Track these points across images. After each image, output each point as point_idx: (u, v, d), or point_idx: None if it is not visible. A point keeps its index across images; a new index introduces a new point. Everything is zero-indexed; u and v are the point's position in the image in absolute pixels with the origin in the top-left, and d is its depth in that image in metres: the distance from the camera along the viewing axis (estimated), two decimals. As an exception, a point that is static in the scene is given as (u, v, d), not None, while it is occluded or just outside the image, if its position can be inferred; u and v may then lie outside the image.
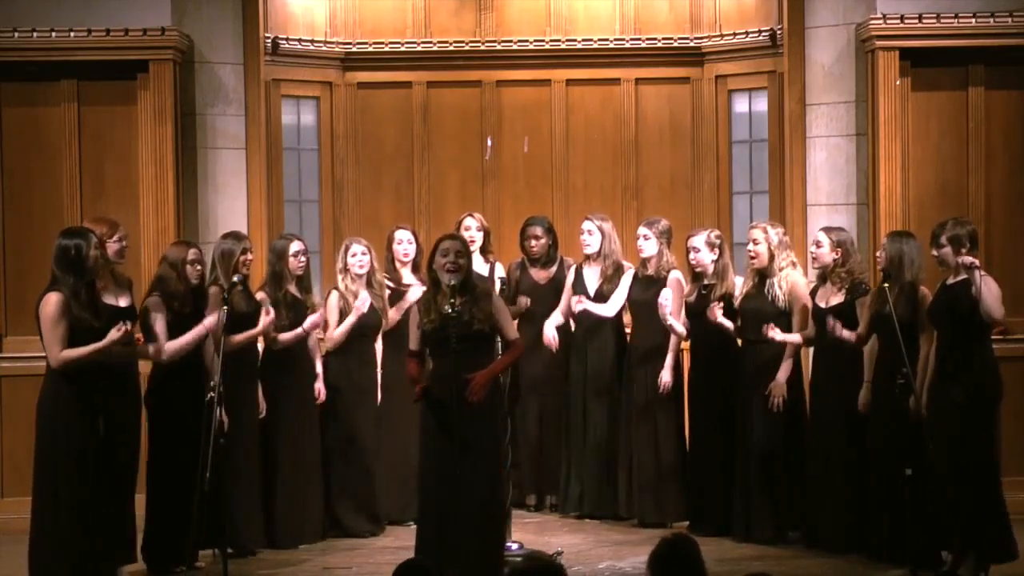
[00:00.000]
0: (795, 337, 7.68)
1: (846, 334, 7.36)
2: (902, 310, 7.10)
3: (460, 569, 6.54)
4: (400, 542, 7.91)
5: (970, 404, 6.85)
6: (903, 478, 6.81)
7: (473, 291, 6.76)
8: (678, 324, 8.05)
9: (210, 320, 7.22)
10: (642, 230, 8.32)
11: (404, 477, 8.27)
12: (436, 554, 6.55)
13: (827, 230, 7.73)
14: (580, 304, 8.28)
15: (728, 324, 7.86)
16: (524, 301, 8.58)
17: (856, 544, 7.47)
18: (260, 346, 7.89)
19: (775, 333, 7.59)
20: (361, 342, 8.17)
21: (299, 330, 7.84)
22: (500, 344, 6.92)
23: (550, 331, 8.42)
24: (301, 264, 7.96)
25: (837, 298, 7.57)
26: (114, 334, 6.49)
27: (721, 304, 7.86)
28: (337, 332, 8.09)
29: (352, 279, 8.15)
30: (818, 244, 7.66)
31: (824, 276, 7.65)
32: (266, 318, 7.62)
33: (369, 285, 8.19)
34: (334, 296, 8.14)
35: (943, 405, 6.88)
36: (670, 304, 8.02)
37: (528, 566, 4.21)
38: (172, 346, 7.19)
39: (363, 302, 8.04)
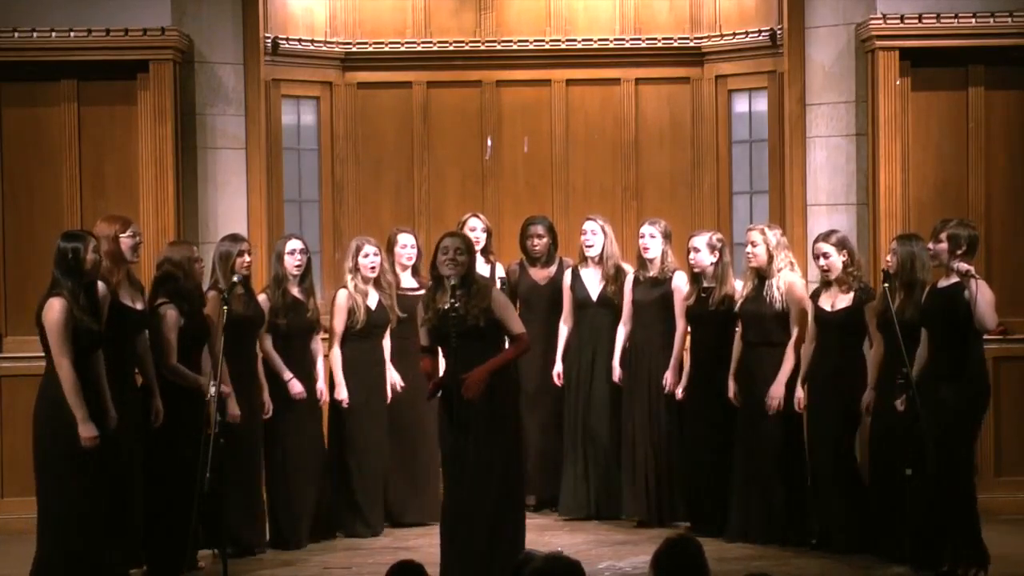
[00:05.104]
0: (788, 362, 7.70)
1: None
2: (911, 312, 7.09)
3: (477, 571, 6.53)
4: (400, 542, 7.92)
5: (959, 406, 6.86)
6: (903, 478, 6.81)
7: (471, 287, 6.76)
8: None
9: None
10: (648, 228, 8.29)
11: (407, 477, 8.28)
12: (455, 555, 6.55)
13: (825, 237, 7.64)
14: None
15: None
16: None
17: (856, 544, 7.47)
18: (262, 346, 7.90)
19: (774, 401, 7.69)
20: (368, 341, 8.14)
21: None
22: (508, 340, 6.92)
23: (559, 368, 8.55)
24: (297, 263, 7.92)
25: (844, 301, 7.54)
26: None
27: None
28: (333, 356, 8.07)
29: (363, 280, 8.13)
30: (825, 255, 7.55)
31: (828, 280, 7.61)
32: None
33: (378, 285, 8.18)
34: (343, 294, 8.10)
35: (931, 405, 6.85)
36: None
37: (548, 566, 4.17)
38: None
39: (344, 399, 8.04)
